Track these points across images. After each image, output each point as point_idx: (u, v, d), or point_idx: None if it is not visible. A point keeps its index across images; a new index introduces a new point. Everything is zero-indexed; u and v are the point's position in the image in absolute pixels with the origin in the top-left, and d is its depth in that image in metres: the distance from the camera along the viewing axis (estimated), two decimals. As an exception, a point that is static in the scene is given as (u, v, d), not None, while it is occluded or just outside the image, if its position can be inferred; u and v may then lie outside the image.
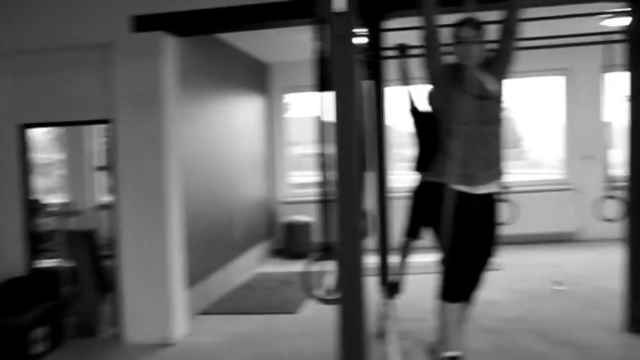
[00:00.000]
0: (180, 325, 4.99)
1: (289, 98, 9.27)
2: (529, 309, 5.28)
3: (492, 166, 3.36)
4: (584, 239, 8.20)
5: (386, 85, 4.85)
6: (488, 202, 3.41)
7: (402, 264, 5.14)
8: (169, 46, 4.88)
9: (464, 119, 3.11)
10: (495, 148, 3.37)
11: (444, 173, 3.26)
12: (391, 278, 4.89)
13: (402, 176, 7.48)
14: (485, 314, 5.02)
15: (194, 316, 5.42)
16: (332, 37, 2.97)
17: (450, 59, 3.37)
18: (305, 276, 3.31)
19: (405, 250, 5.15)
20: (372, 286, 3.16)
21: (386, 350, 3.97)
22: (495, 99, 3.33)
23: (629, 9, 4.40)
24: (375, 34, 4.68)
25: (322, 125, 3.19)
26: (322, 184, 3.20)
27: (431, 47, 3.28)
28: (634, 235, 4.48)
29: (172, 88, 4.95)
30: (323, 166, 3.21)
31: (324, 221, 3.21)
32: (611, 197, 5.32)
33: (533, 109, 9.21)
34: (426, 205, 4.73)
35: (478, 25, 3.31)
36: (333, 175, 3.03)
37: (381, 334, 4.39)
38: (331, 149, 3.04)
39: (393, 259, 4.95)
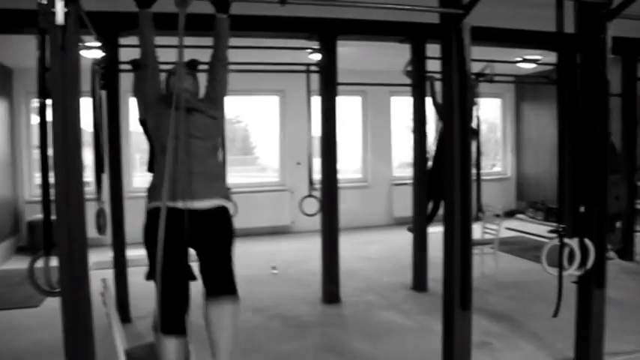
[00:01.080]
0: None
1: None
2: (250, 290, 6.12)
3: (208, 180, 3.23)
4: (297, 231, 9.67)
5: (121, 96, 5.30)
6: (206, 217, 3.20)
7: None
8: None
9: (172, 134, 2.94)
10: (211, 163, 3.31)
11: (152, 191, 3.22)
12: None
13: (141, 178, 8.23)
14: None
15: None
16: (52, 48, 2.93)
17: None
18: (31, 271, 3.42)
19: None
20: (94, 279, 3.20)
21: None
22: (209, 115, 3.28)
23: (318, 47, 5.59)
24: (112, 49, 5.10)
25: (44, 130, 3.32)
26: (44, 185, 3.32)
27: (144, 66, 3.35)
28: (327, 226, 5.70)
29: None
30: (45, 167, 3.32)
31: (45, 219, 3.33)
32: (312, 196, 6.49)
33: (261, 122, 10.55)
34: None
35: (194, 63, 3.92)
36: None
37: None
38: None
39: (130, 254, 5.38)
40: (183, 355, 3.10)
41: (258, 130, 10.80)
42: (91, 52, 5.28)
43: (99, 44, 5.01)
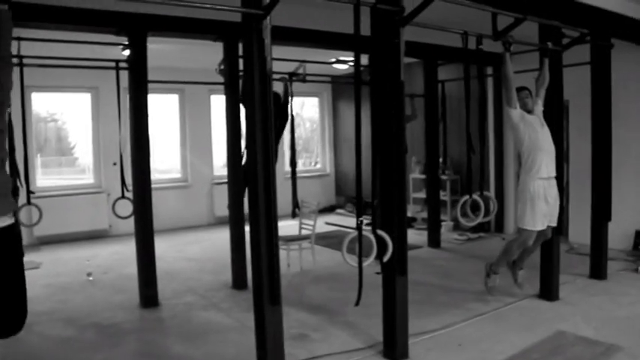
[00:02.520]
0: None
1: None
2: (60, 300, 5.83)
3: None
4: (115, 235, 9.22)
5: None
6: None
7: None
8: None
9: None
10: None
11: None
12: None
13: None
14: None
15: None
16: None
17: None
18: None
19: None
20: None
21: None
22: None
23: (127, 43, 5.40)
24: None
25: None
26: None
27: None
28: (142, 228, 5.52)
29: None
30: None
31: None
32: (126, 198, 6.21)
33: (77, 121, 9.88)
34: None
35: None
36: None
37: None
38: None
39: None
40: None
41: (76, 129, 10.10)
42: None
43: None
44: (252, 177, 3.40)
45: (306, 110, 12.73)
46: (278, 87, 5.53)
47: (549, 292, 5.41)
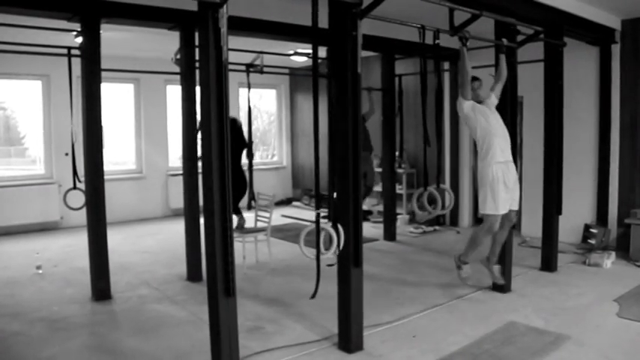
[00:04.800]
0: None
1: None
2: (6, 295, 5.65)
3: None
4: (68, 226, 9.00)
5: None
6: None
7: None
8: None
9: None
10: None
11: None
12: None
13: None
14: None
15: None
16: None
17: None
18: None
19: None
20: None
21: None
22: None
23: (80, 30, 5.25)
24: None
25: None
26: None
27: None
28: (94, 219, 5.39)
29: None
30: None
31: None
32: (77, 189, 6.04)
33: (28, 109, 9.55)
34: None
35: None
36: None
37: None
38: None
39: None
40: None
41: (26, 118, 9.76)
42: None
43: None
44: (207, 168, 3.35)
45: (265, 103, 12.65)
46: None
47: (502, 285, 5.52)
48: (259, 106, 12.67)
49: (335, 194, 4.10)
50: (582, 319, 4.79)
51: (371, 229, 8.81)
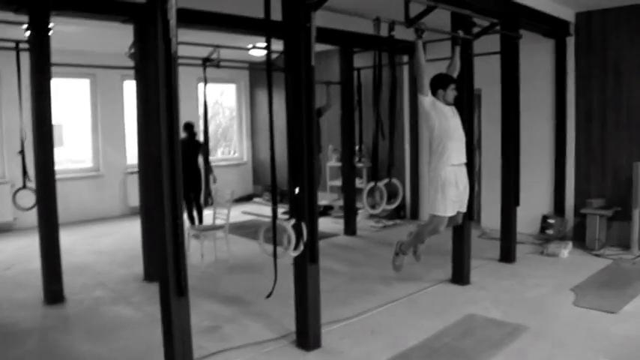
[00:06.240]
0: None
1: None
2: (-45, 300, 5.44)
3: None
4: (21, 228, 8.69)
5: None
6: None
7: None
8: None
9: None
10: None
11: None
12: None
13: None
14: None
15: None
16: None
17: None
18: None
19: None
20: None
21: None
22: None
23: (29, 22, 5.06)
24: None
25: None
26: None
27: None
28: (45, 220, 5.22)
29: None
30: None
31: None
32: (27, 188, 5.83)
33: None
34: None
35: None
36: None
37: None
38: None
39: None
40: None
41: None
42: None
43: None
44: (157, 164, 3.25)
45: (226, 98, 12.48)
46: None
47: (461, 277, 5.54)
48: (221, 102, 12.50)
49: (296, 190, 4.02)
50: (540, 310, 4.83)
51: (331, 224, 8.77)
